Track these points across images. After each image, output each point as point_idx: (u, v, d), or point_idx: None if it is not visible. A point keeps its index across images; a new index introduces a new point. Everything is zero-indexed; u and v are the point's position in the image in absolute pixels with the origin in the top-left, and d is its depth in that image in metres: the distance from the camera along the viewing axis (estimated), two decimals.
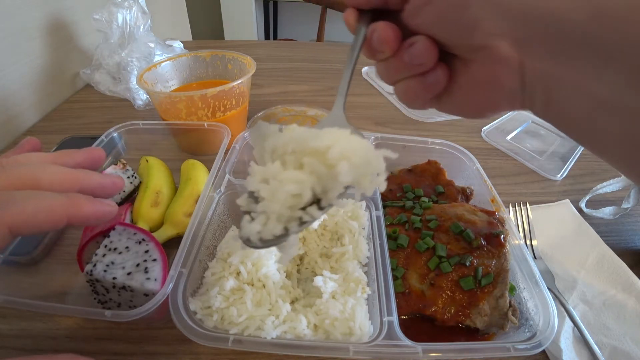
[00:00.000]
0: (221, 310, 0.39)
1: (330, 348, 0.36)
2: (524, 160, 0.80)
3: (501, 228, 0.48)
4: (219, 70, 0.84)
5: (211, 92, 0.65)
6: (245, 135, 0.61)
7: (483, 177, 0.59)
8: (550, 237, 0.60)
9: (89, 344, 0.43)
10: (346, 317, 0.39)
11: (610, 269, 0.55)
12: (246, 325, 0.38)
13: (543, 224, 0.63)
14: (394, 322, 0.38)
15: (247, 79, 0.70)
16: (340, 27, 2.39)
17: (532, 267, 0.45)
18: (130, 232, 0.44)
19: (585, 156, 0.83)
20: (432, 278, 0.46)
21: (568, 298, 0.51)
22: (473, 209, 0.52)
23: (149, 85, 0.72)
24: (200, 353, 0.43)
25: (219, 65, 0.84)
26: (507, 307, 0.43)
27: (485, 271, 0.45)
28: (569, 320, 0.47)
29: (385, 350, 0.36)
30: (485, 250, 0.46)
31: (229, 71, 0.83)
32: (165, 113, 0.70)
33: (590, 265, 0.56)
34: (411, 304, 0.45)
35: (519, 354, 0.37)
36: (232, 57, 0.82)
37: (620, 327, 0.48)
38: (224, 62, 0.83)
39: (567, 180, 0.75)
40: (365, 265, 0.47)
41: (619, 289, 0.52)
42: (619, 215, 0.64)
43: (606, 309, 0.50)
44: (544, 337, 0.38)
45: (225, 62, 0.83)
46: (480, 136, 0.86)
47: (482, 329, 0.44)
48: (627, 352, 0.45)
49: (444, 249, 0.47)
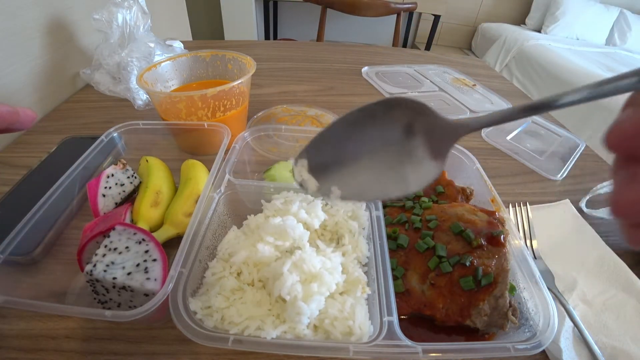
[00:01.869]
0: (221, 310, 0.39)
1: (330, 348, 0.36)
2: (524, 160, 0.80)
3: (501, 228, 0.48)
4: (219, 70, 0.84)
5: (211, 92, 0.65)
6: (245, 135, 0.61)
7: (483, 177, 0.59)
8: (551, 237, 0.60)
9: (89, 344, 0.43)
10: (346, 317, 0.39)
11: (610, 269, 0.55)
12: (246, 325, 0.38)
13: (543, 224, 0.63)
14: (394, 322, 0.38)
15: (247, 79, 0.70)
16: (340, 27, 2.42)
17: (532, 267, 0.45)
18: (130, 232, 0.44)
19: (585, 156, 0.83)
20: (432, 278, 0.46)
21: (568, 298, 0.51)
22: (473, 209, 0.52)
23: (149, 85, 0.72)
24: (200, 353, 0.43)
25: (219, 65, 0.84)
26: (507, 307, 0.43)
27: (485, 271, 0.45)
28: (569, 321, 0.47)
29: (385, 350, 0.36)
30: (485, 250, 0.46)
31: (229, 71, 0.83)
32: (165, 113, 0.69)
33: (590, 266, 0.56)
34: (411, 304, 0.45)
35: (519, 354, 0.37)
36: (232, 57, 0.82)
37: (621, 327, 0.48)
38: (224, 62, 0.83)
39: (567, 180, 0.75)
40: (365, 265, 0.47)
41: (619, 289, 0.52)
42: None
43: (606, 309, 0.50)
44: (544, 337, 0.38)
45: (225, 62, 0.83)
46: (481, 136, 0.86)
47: (482, 328, 0.44)
48: (628, 352, 0.45)
49: (444, 249, 0.47)
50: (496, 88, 1.14)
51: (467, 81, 1.17)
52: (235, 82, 0.66)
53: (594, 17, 3.28)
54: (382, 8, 1.95)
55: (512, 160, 0.80)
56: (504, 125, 0.91)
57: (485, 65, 1.41)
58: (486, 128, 0.86)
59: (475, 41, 3.69)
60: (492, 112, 0.24)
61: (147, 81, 0.72)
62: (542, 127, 0.94)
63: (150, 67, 0.74)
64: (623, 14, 3.30)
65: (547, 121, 0.95)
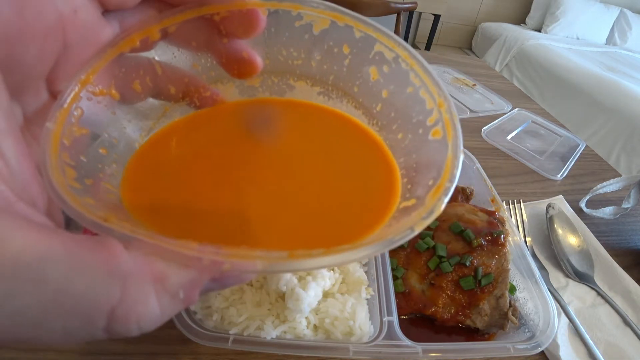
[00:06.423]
0: (221, 310, 0.39)
1: (330, 348, 0.36)
2: (524, 160, 0.80)
3: (501, 228, 0.48)
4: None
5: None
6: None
7: (483, 177, 0.59)
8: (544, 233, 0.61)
9: (89, 344, 0.43)
10: (346, 317, 0.39)
11: (601, 265, 0.56)
12: (246, 325, 0.38)
13: (537, 220, 0.63)
14: (394, 322, 0.38)
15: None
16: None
17: (532, 267, 0.45)
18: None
19: (585, 156, 0.83)
20: (432, 278, 0.46)
21: (563, 294, 0.51)
22: (473, 209, 0.52)
23: None
24: (200, 353, 0.43)
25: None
26: (508, 307, 0.43)
27: (485, 271, 0.45)
28: (565, 317, 0.48)
29: (385, 350, 0.36)
30: (485, 250, 0.46)
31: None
32: None
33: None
34: (411, 304, 0.45)
35: (518, 354, 0.37)
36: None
37: (611, 322, 0.49)
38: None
39: (567, 180, 0.75)
40: (365, 265, 0.47)
41: (607, 287, 0.53)
42: (619, 215, 0.64)
43: (599, 305, 0.51)
44: (544, 337, 0.38)
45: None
46: (481, 136, 0.86)
47: (482, 328, 0.44)
48: (620, 347, 0.46)
49: (444, 249, 0.47)
50: (496, 88, 1.14)
51: (467, 81, 1.17)
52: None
53: (594, 17, 3.28)
54: (382, 8, 1.95)
55: (512, 160, 0.80)
56: (505, 125, 0.91)
57: (485, 65, 1.41)
58: (485, 128, 0.86)
59: (476, 41, 3.69)
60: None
61: None
62: (542, 126, 0.94)
63: None
64: (623, 14, 3.30)
65: (547, 121, 0.95)
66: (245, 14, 0.23)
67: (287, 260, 0.16)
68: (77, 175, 0.19)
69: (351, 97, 0.29)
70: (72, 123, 0.20)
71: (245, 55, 0.25)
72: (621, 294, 0.52)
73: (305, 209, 0.24)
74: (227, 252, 0.15)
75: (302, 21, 0.25)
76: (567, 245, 0.57)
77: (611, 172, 0.81)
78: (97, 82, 0.21)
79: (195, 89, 0.27)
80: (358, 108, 0.29)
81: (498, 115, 0.95)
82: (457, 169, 0.20)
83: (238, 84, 0.29)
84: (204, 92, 0.28)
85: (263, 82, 0.29)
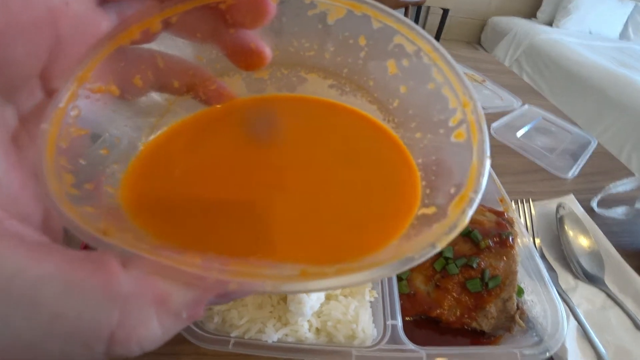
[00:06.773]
0: (222, 313, 0.39)
1: (332, 352, 0.36)
2: (533, 157, 0.78)
3: (510, 229, 0.47)
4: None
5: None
6: None
7: (492, 175, 0.58)
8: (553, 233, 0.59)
9: None
10: (349, 320, 0.38)
11: (611, 267, 0.54)
12: (247, 328, 0.37)
13: (546, 219, 0.61)
14: (397, 326, 0.37)
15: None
16: None
17: (540, 269, 0.44)
18: None
19: (597, 154, 0.81)
20: (437, 279, 0.45)
21: (572, 296, 0.50)
22: (481, 209, 0.51)
23: None
24: (201, 354, 0.42)
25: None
26: (515, 310, 0.42)
27: (492, 273, 0.44)
28: (573, 319, 0.47)
29: (388, 354, 0.35)
30: (493, 251, 0.45)
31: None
32: None
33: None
34: (416, 306, 0.44)
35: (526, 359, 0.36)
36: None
37: (622, 325, 0.48)
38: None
39: (578, 179, 0.74)
40: None
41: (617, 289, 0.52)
42: (632, 215, 0.63)
43: (609, 308, 0.50)
44: (553, 342, 0.37)
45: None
46: (490, 133, 0.85)
47: (488, 331, 0.43)
48: (630, 351, 0.45)
49: (450, 250, 0.46)
50: (506, 83, 1.12)
51: (476, 76, 1.15)
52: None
53: (607, 11, 3.21)
54: (390, 1, 1.93)
55: (521, 158, 0.78)
56: (514, 122, 0.89)
57: (494, 60, 1.38)
58: (495, 124, 0.85)
59: (485, 35, 3.64)
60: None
61: None
62: (553, 123, 0.92)
63: None
64: (638, 8, 3.22)
65: (558, 118, 0.93)
66: (254, 2, 0.22)
67: (298, 281, 0.15)
68: (76, 181, 0.18)
69: (366, 91, 0.27)
70: (70, 124, 0.18)
71: (253, 46, 0.24)
72: (632, 297, 0.51)
73: (319, 213, 0.23)
74: (234, 269, 0.14)
75: (315, 10, 0.23)
76: (577, 247, 0.55)
77: (624, 170, 0.79)
78: (94, 78, 0.20)
79: (200, 82, 0.26)
80: (373, 103, 0.27)
81: (507, 111, 0.93)
82: (483, 177, 0.18)
83: (245, 77, 0.27)
84: (209, 85, 0.26)
85: (272, 74, 0.28)
